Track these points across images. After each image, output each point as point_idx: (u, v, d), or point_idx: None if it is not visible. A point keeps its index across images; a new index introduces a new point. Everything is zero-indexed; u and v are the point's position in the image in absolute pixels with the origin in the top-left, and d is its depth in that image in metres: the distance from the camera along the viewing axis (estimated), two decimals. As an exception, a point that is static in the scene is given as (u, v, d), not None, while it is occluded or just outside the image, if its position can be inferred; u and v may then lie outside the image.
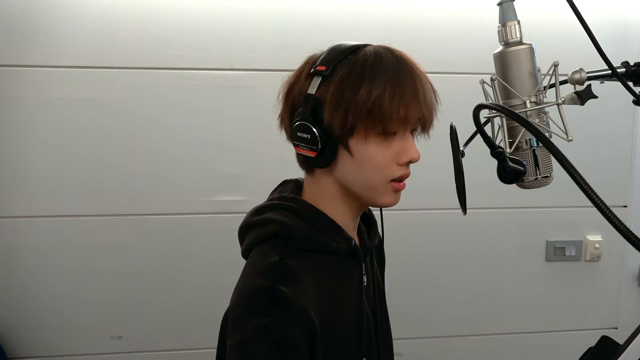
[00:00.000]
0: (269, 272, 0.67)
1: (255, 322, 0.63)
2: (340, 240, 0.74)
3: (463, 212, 0.72)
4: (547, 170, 0.71)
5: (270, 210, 0.75)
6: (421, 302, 1.77)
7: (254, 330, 0.63)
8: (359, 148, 0.69)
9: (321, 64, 0.70)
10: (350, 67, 0.68)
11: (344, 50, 0.71)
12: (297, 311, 0.65)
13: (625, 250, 1.82)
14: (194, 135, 1.59)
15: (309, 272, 0.70)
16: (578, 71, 0.70)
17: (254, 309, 0.65)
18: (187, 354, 1.69)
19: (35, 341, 1.63)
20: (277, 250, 0.70)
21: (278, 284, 0.65)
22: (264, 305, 0.64)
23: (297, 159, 0.77)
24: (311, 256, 0.72)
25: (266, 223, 0.73)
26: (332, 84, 0.68)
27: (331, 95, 0.67)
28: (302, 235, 0.72)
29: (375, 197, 0.74)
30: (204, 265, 1.65)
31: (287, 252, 0.70)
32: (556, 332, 1.85)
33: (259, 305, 0.65)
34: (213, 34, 1.55)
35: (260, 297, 0.65)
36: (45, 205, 1.58)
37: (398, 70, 0.68)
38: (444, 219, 1.72)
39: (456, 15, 1.64)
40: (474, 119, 0.60)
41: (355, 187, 0.73)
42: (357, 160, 0.70)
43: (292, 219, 0.73)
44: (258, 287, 0.66)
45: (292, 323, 0.64)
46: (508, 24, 0.71)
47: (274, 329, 0.63)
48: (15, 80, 1.51)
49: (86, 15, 1.51)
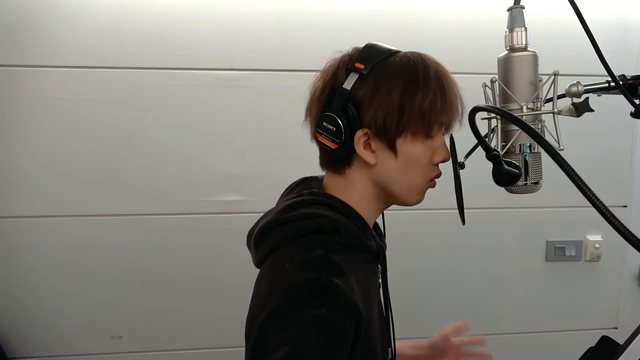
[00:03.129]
0: (319, 265, 0.65)
1: (311, 314, 0.60)
2: (371, 239, 0.75)
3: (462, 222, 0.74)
4: (537, 176, 0.72)
5: (305, 206, 0.72)
6: (421, 301, 1.77)
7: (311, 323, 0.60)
8: (405, 148, 0.71)
9: (359, 62, 0.70)
10: (399, 71, 0.70)
11: (383, 52, 0.72)
12: (350, 304, 0.63)
13: (625, 250, 1.82)
14: (194, 135, 1.59)
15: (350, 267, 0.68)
16: (575, 84, 0.71)
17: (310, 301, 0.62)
18: (187, 354, 1.69)
19: (35, 341, 1.63)
20: (318, 244, 0.68)
21: (332, 276, 0.63)
22: (321, 297, 0.62)
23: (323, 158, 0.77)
24: (348, 252, 0.70)
25: (307, 217, 0.71)
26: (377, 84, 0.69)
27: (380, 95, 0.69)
28: (348, 231, 0.70)
29: (411, 196, 0.76)
30: (204, 265, 1.65)
31: (330, 246, 0.68)
32: (556, 332, 1.85)
33: (315, 297, 0.62)
34: (213, 34, 1.56)
35: (317, 290, 0.62)
36: (46, 205, 1.58)
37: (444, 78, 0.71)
38: (445, 219, 1.72)
39: (456, 15, 1.64)
40: (469, 121, 0.61)
41: (395, 186, 0.74)
42: (402, 160, 0.72)
43: (334, 213, 0.71)
44: (311, 279, 0.63)
45: (347, 317, 0.62)
46: (515, 30, 0.72)
47: (330, 321, 0.60)
48: (16, 80, 1.51)
49: (87, 15, 1.51)
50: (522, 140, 0.72)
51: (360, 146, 0.71)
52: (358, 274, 0.70)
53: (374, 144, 0.71)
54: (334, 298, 0.62)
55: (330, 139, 0.71)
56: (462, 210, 0.75)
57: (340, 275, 0.64)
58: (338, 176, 0.76)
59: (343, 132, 0.69)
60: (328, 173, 0.79)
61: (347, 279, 0.65)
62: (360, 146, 0.71)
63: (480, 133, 0.63)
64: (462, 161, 0.77)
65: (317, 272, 0.64)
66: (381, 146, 0.71)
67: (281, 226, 0.72)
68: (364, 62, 0.70)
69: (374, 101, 0.69)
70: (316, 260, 0.65)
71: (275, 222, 0.73)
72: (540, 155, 0.72)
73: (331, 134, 0.70)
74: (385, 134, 0.70)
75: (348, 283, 0.65)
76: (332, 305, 0.61)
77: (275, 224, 0.73)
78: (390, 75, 0.69)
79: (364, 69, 0.69)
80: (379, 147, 0.71)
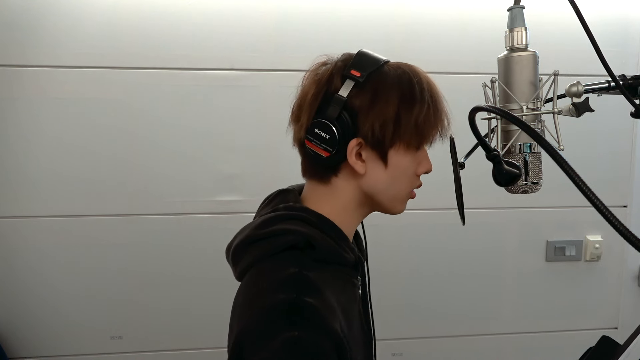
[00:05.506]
0: (290, 284, 0.64)
1: (284, 336, 0.59)
2: (349, 251, 0.74)
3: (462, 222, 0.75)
4: (537, 176, 0.72)
5: (280, 222, 0.71)
6: (421, 301, 1.77)
7: (283, 345, 0.58)
8: (396, 159, 0.71)
9: (355, 69, 0.69)
10: (396, 82, 0.70)
11: (376, 61, 0.71)
12: (325, 323, 0.62)
13: (625, 250, 1.82)
14: (194, 135, 1.59)
15: (325, 283, 0.67)
16: (575, 84, 0.71)
17: (281, 323, 0.60)
18: (187, 354, 1.69)
19: (35, 341, 1.63)
20: (292, 262, 0.67)
21: (303, 295, 0.62)
22: (292, 318, 0.61)
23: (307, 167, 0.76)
24: (324, 267, 0.69)
25: (281, 234, 0.69)
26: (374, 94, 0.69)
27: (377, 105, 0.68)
28: (323, 246, 0.70)
29: (395, 205, 0.77)
30: (204, 265, 1.65)
31: (304, 263, 0.67)
32: (556, 332, 1.85)
33: (286, 319, 0.60)
34: (213, 34, 1.56)
35: (287, 311, 0.61)
36: (46, 205, 1.58)
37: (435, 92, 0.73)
38: (444, 219, 1.72)
39: (456, 15, 1.64)
40: (469, 121, 0.61)
41: (382, 195, 0.74)
42: (391, 170, 0.72)
43: (309, 228, 0.70)
44: (282, 301, 0.62)
45: (322, 335, 0.61)
46: (515, 30, 0.72)
47: (305, 342, 0.59)
48: (16, 80, 1.51)
49: (87, 15, 1.51)
50: (522, 140, 0.72)
51: (353, 156, 0.70)
52: (335, 289, 0.69)
53: (365, 153, 0.71)
54: (305, 318, 0.61)
55: (321, 147, 0.69)
56: (462, 210, 0.75)
57: (314, 293, 0.64)
58: (322, 185, 0.75)
59: (337, 140, 0.68)
60: (311, 182, 0.77)
61: (322, 296, 0.64)
62: (352, 156, 0.70)
63: (480, 133, 0.63)
64: (462, 161, 0.77)
65: (289, 293, 0.63)
66: (372, 156, 0.71)
67: (257, 243, 0.71)
68: (359, 70, 0.68)
69: (372, 111, 0.68)
70: (288, 279, 0.65)
71: (251, 239, 0.72)
72: (540, 155, 0.72)
73: (323, 142, 0.69)
74: (379, 145, 0.70)
75: (323, 300, 0.64)
76: (306, 326, 0.60)
77: (251, 239, 0.72)
78: (388, 85, 0.69)
79: (360, 77, 0.68)
80: (369, 156, 0.71)
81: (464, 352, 1.82)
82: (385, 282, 1.73)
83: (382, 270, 1.72)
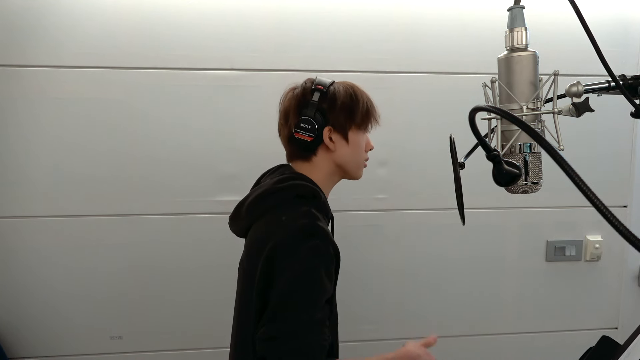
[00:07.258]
0: (307, 215, 0.95)
1: (309, 244, 0.91)
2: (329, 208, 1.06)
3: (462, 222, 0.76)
4: (537, 176, 0.72)
5: (292, 180, 1.02)
6: (421, 301, 1.77)
7: (309, 249, 0.91)
8: (354, 137, 1.06)
9: (319, 84, 1.04)
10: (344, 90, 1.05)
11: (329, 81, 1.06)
12: (329, 239, 0.94)
13: (625, 250, 1.82)
14: (194, 135, 1.60)
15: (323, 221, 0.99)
16: (575, 84, 0.71)
17: (306, 236, 0.92)
18: (187, 354, 1.69)
19: (35, 341, 1.63)
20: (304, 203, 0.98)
21: (317, 222, 0.94)
22: (312, 234, 0.92)
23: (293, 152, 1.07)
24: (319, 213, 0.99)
25: (296, 187, 1.00)
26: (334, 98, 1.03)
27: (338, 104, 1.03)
28: (322, 197, 1.02)
29: (357, 171, 1.10)
30: (204, 265, 1.65)
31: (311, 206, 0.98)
32: (556, 332, 1.86)
33: (309, 234, 0.92)
34: (213, 34, 1.56)
35: (309, 229, 0.93)
36: (46, 205, 1.58)
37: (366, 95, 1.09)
38: (445, 219, 1.72)
39: (456, 15, 1.64)
40: (469, 121, 0.61)
41: (349, 165, 1.08)
42: (352, 146, 1.06)
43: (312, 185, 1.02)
44: (304, 224, 0.93)
45: (329, 245, 0.93)
46: (515, 30, 0.73)
47: (321, 247, 0.92)
48: (16, 80, 1.52)
49: (87, 15, 1.51)
50: (522, 140, 0.72)
51: (327, 138, 1.03)
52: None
53: (334, 136, 1.04)
54: (322, 234, 0.93)
55: (307, 134, 1.02)
56: (462, 210, 0.76)
57: (321, 222, 0.96)
58: (306, 163, 1.07)
59: (317, 128, 1.02)
60: (296, 163, 1.09)
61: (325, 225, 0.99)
62: (326, 138, 1.03)
63: (480, 133, 0.63)
64: (462, 161, 0.77)
65: (308, 219, 0.94)
66: (338, 137, 1.04)
67: (273, 194, 1.00)
68: (322, 85, 1.04)
69: (334, 108, 1.03)
70: (305, 212, 0.96)
71: (269, 192, 1.01)
72: (540, 155, 0.72)
73: (308, 131, 1.02)
74: (342, 129, 1.04)
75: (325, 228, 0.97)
76: (322, 238, 0.93)
77: (268, 192, 1.01)
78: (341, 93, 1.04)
79: (323, 89, 1.03)
80: (337, 138, 1.04)
81: (464, 352, 1.82)
82: (385, 282, 1.73)
83: (382, 270, 1.72)
